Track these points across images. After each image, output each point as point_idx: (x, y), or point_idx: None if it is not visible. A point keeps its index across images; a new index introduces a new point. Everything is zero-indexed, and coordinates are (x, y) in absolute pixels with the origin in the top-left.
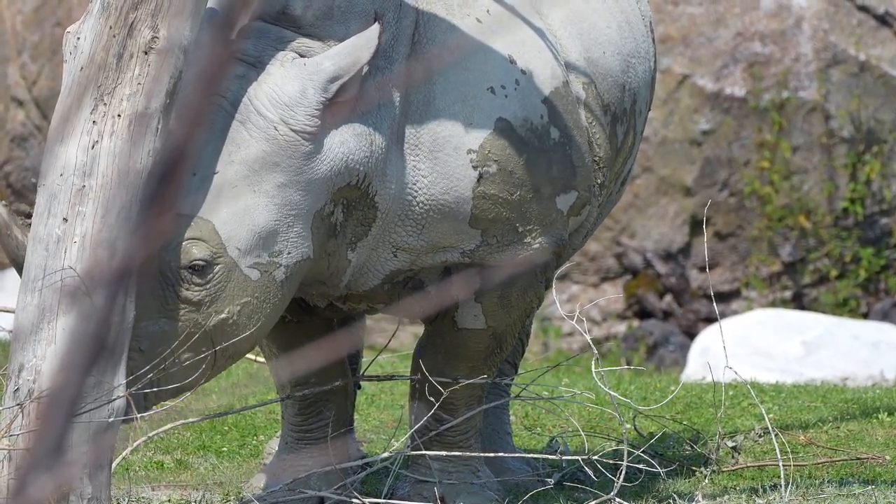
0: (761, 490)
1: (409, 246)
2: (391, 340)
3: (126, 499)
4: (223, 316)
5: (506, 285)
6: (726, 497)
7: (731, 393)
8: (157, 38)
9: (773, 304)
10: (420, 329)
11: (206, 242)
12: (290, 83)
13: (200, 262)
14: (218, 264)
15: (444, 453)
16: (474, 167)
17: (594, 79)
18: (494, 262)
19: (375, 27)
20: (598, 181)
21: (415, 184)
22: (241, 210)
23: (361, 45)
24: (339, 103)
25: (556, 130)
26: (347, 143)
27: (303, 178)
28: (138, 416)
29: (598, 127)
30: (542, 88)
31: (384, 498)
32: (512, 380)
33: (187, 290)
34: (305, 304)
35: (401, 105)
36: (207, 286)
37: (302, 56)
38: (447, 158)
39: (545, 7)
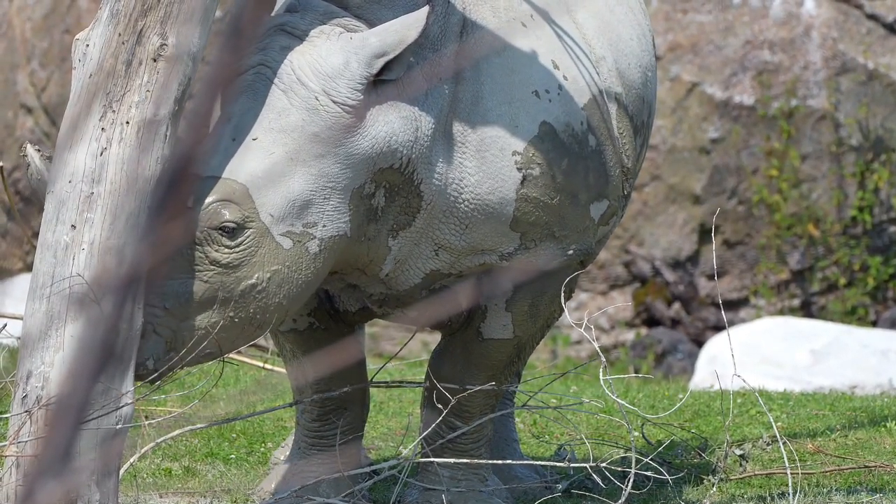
0: (769, 498)
1: (450, 245)
2: (403, 348)
3: None
4: (252, 282)
5: (537, 294)
6: None
7: (739, 401)
8: (165, 45)
9: (781, 313)
10: (428, 336)
11: (237, 205)
12: (334, 55)
13: (231, 224)
14: (249, 228)
15: (452, 460)
16: (518, 169)
17: (623, 90)
18: (529, 267)
19: (425, 9)
20: (625, 192)
21: (461, 181)
22: (277, 176)
23: (409, 24)
24: (385, 82)
25: (594, 138)
26: (392, 123)
27: (342, 151)
28: (145, 423)
29: (627, 137)
30: (581, 95)
31: None
32: (517, 387)
33: (216, 251)
34: (335, 311)
35: (449, 99)
36: (237, 249)
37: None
38: (493, 159)
39: (580, 16)
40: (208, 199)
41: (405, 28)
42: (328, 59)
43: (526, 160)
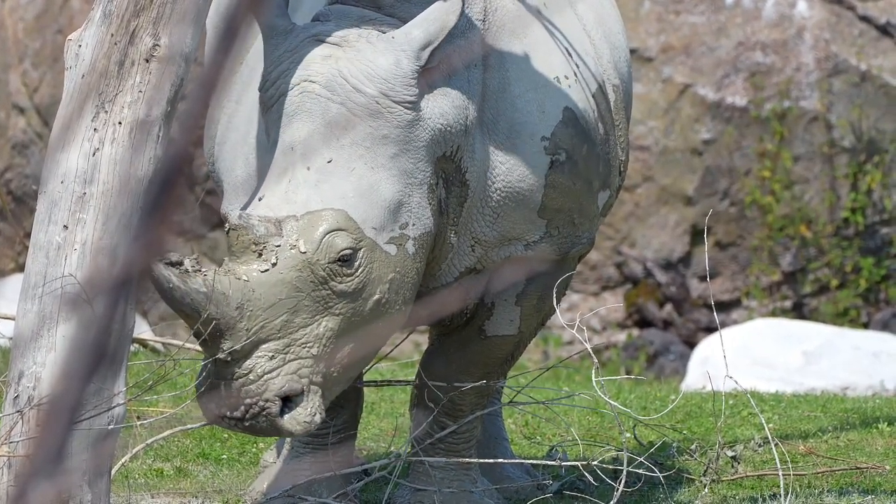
0: (761, 500)
1: (484, 238)
2: (395, 349)
3: None
4: (377, 296)
5: (546, 287)
6: None
7: (731, 402)
8: (158, 45)
9: (773, 314)
10: (419, 337)
11: (346, 231)
12: (382, 57)
13: (347, 252)
14: (361, 248)
15: (443, 460)
16: (547, 154)
17: (619, 82)
18: (549, 256)
19: None
20: (619, 184)
21: (493, 169)
22: (366, 189)
23: (448, 9)
24: (431, 69)
25: (601, 126)
26: (447, 115)
27: (411, 146)
28: (137, 424)
29: (622, 130)
30: (590, 84)
31: None
32: (504, 384)
33: (340, 283)
34: None
35: (481, 86)
36: (358, 273)
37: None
38: (523, 145)
39: (580, 8)
40: (316, 236)
41: (445, 14)
42: (377, 61)
43: (553, 145)
